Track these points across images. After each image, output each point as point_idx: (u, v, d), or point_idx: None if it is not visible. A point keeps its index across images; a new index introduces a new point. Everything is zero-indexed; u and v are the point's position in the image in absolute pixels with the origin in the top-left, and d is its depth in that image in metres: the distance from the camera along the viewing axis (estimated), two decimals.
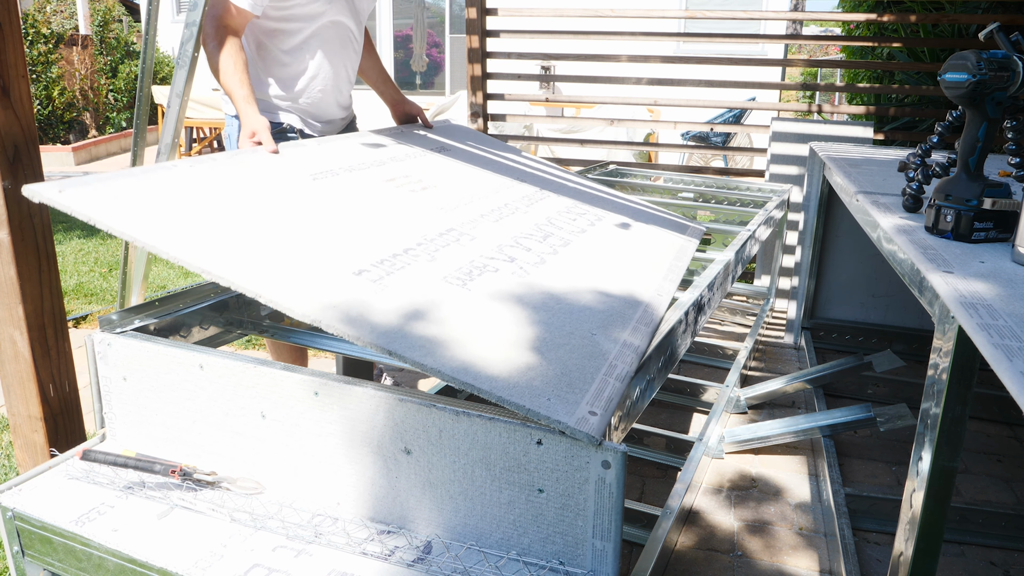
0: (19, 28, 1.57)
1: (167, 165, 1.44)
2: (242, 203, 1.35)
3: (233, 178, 1.44)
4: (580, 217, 1.86)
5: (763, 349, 3.16)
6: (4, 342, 1.64)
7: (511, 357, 1.07)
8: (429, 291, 1.22)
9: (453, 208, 1.65)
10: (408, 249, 1.36)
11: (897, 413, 2.01)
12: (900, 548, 1.23)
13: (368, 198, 1.55)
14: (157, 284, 4.08)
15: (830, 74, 9.58)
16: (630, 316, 1.31)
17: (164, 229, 1.17)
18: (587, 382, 1.04)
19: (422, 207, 1.60)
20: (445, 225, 1.54)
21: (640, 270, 1.58)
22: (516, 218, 1.71)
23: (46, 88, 8.56)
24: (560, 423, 0.94)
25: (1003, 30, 1.37)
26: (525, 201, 1.86)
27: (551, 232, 1.67)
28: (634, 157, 6.61)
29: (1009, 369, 0.85)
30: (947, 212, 1.40)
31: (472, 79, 4.01)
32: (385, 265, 1.27)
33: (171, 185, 1.33)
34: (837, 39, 5.22)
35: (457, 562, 1.03)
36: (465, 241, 1.48)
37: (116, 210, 1.20)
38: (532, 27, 4.28)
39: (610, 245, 1.71)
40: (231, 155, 1.58)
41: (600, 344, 1.17)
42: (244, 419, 1.18)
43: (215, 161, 1.49)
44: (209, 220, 1.25)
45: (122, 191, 1.26)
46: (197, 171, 1.42)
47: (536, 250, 1.53)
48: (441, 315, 1.15)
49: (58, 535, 1.14)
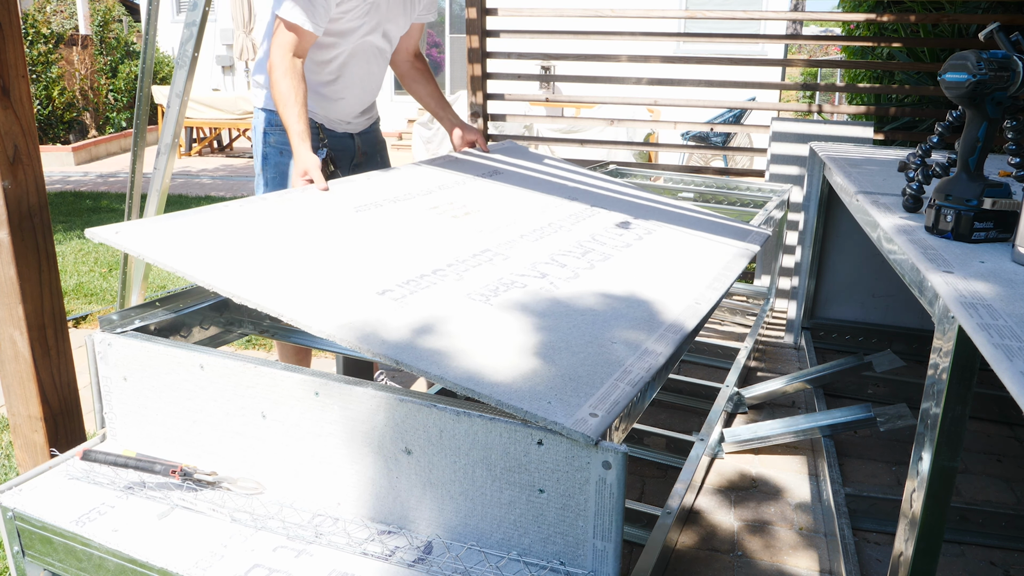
0: (19, 28, 1.57)
1: (219, 206, 1.51)
2: (283, 236, 1.41)
3: (278, 215, 1.50)
4: (628, 232, 1.83)
5: (763, 349, 3.16)
6: (4, 342, 1.64)
7: (518, 364, 1.08)
8: (449, 307, 1.23)
9: (492, 231, 1.65)
10: (437, 270, 1.38)
11: (897, 413, 2.01)
12: (900, 548, 1.23)
13: (407, 225, 1.58)
14: (157, 284, 4.08)
15: (830, 74, 9.59)
16: (658, 324, 1.30)
17: (206, 262, 1.24)
18: (595, 386, 1.04)
19: (460, 231, 1.61)
20: (480, 247, 1.54)
21: (681, 280, 1.56)
22: (558, 236, 1.70)
23: (46, 88, 8.56)
24: (556, 424, 0.94)
25: (1003, 30, 1.37)
26: (572, 219, 1.85)
27: (592, 248, 1.66)
28: (634, 157, 6.61)
29: (1009, 369, 0.85)
30: (947, 212, 1.40)
31: (472, 79, 4.01)
32: (410, 285, 1.29)
33: (219, 224, 1.40)
34: (837, 39, 5.22)
35: (458, 562, 1.03)
36: (498, 261, 1.48)
37: (167, 248, 1.27)
38: (532, 27, 4.28)
39: (654, 257, 1.69)
40: (280, 195, 1.65)
41: (618, 351, 1.16)
42: (244, 419, 1.18)
43: (264, 201, 1.56)
44: (248, 253, 1.31)
45: (174, 231, 1.34)
46: (245, 211, 1.49)
47: (572, 265, 1.53)
48: (455, 328, 1.16)
49: (58, 535, 1.14)
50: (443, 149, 7.24)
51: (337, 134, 2.12)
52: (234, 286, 1.18)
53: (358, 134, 2.19)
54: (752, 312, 3.41)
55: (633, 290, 1.45)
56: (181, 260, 1.24)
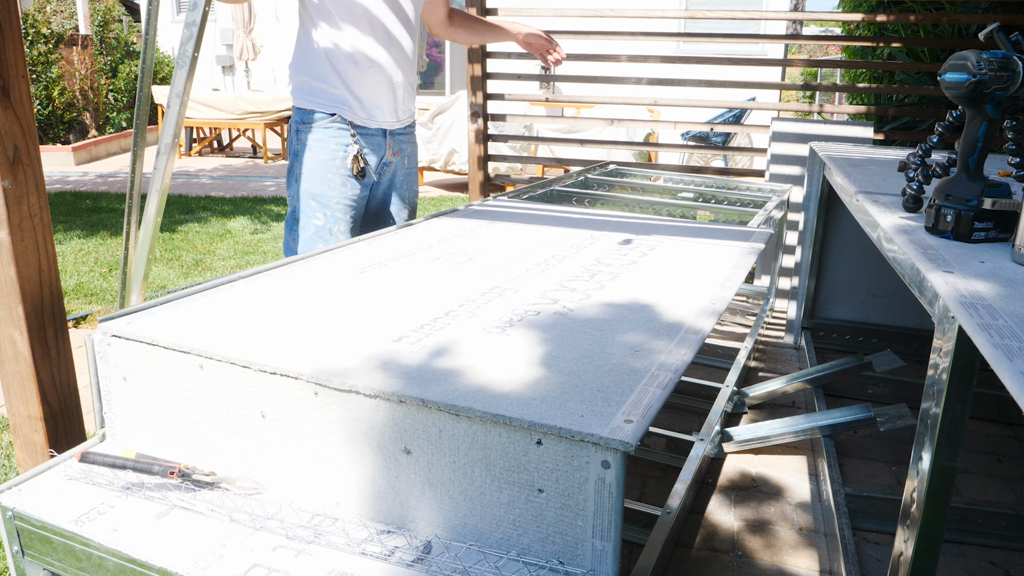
0: (19, 28, 1.57)
1: (227, 287, 1.54)
2: (290, 306, 1.42)
3: (283, 286, 1.54)
4: (632, 250, 1.86)
5: (763, 349, 3.16)
6: (4, 342, 1.64)
7: (545, 385, 1.09)
8: (467, 342, 1.25)
9: (498, 270, 1.68)
10: (449, 312, 1.40)
11: (897, 413, 2.01)
12: (900, 548, 1.23)
13: (413, 277, 1.61)
14: (157, 284, 4.08)
15: (830, 74, 9.59)
16: (677, 329, 1.32)
17: (218, 341, 1.24)
18: (624, 394, 1.06)
19: (467, 275, 1.64)
20: (489, 285, 1.57)
21: (693, 284, 1.59)
22: (564, 265, 1.73)
23: (46, 88, 8.56)
24: (593, 435, 0.95)
25: (1003, 30, 1.37)
26: (574, 248, 1.88)
27: (599, 270, 1.68)
28: (634, 157, 6.61)
29: (1009, 369, 0.85)
30: (947, 212, 1.40)
31: (472, 79, 4.01)
32: (425, 329, 1.31)
33: (228, 303, 1.43)
34: (837, 39, 5.22)
35: (457, 562, 1.03)
36: (508, 295, 1.50)
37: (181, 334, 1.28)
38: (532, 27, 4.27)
39: (662, 268, 1.71)
40: (283, 264, 1.68)
41: (642, 359, 1.19)
42: (244, 419, 1.18)
43: (268, 275, 1.60)
44: (257, 326, 1.31)
45: (184, 318, 1.35)
46: (252, 287, 1.52)
47: (582, 288, 1.55)
48: (476, 360, 1.17)
49: (58, 535, 1.14)
50: (443, 149, 7.23)
51: (370, 131, 2.11)
52: (251, 357, 1.18)
53: (391, 133, 2.18)
54: (752, 312, 3.41)
55: (646, 301, 1.47)
56: (195, 342, 1.25)
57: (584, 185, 3.06)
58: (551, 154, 6.87)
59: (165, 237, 5.15)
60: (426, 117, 7.34)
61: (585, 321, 1.35)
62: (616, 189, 3.21)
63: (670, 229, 2.11)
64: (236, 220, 5.75)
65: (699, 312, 1.40)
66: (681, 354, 1.21)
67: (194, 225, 5.56)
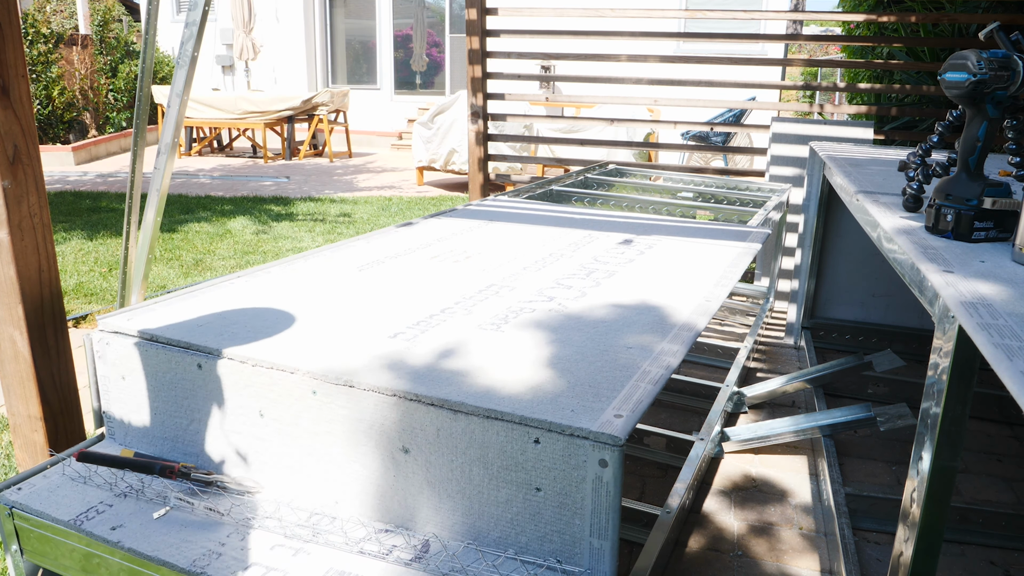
0: (19, 28, 1.57)
1: (227, 283, 1.54)
2: (289, 304, 1.43)
3: (283, 283, 1.55)
4: (630, 248, 1.88)
5: (763, 349, 3.15)
6: (4, 342, 1.64)
7: (536, 380, 1.09)
8: (461, 338, 1.26)
9: (495, 268, 1.69)
10: (445, 308, 1.41)
11: (897, 413, 2.01)
12: (900, 548, 1.23)
13: (411, 275, 1.62)
14: (157, 284, 4.08)
15: (830, 74, 9.58)
16: (671, 326, 1.33)
17: (216, 338, 1.25)
18: (615, 390, 1.07)
19: (464, 273, 1.65)
20: (486, 283, 1.58)
21: (688, 282, 1.60)
22: (561, 263, 1.74)
23: (46, 88, 8.56)
24: (582, 430, 0.96)
25: (1003, 29, 1.37)
26: (572, 247, 1.89)
27: (596, 268, 1.70)
28: (634, 157, 6.61)
29: (1009, 369, 0.84)
30: (947, 212, 1.39)
31: (472, 80, 4.01)
32: (421, 325, 1.32)
33: (227, 301, 1.44)
34: (837, 39, 5.22)
35: (455, 561, 1.03)
36: (504, 292, 1.52)
37: (177, 330, 1.29)
38: (532, 27, 4.28)
39: (659, 267, 1.72)
40: (284, 262, 1.70)
41: (634, 355, 1.19)
42: (242, 418, 1.18)
43: (268, 272, 1.61)
44: (256, 324, 1.32)
45: (182, 314, 1.36)
46: (251, 284, 1.54)
47: (578, 286, 1.56)
48: (470, 355, 1.18)
49: (57, 534, 1.14)
50: (443, 148, 7.24)
51: None
52: (250, 352, 1.19)
53: None
54: (752, 312, 3.41)
55: (642, 298, 1.48)
56: (193, 338, 1.25)
57: (584, 185, 3.06)
58: (551, 154, 6.87)
59: (165, 237, 5.15)
60: (426, 117, 7.34)
61: (580, 318, 1.36)
62: (616, 189, 3.22)
63: (668, 228, 2.12)
64: (236, 220, 5.75)
65: (693, 310, 1.41)
66: (673, 351, 1.21)
67: (194, 225, 5.56)
